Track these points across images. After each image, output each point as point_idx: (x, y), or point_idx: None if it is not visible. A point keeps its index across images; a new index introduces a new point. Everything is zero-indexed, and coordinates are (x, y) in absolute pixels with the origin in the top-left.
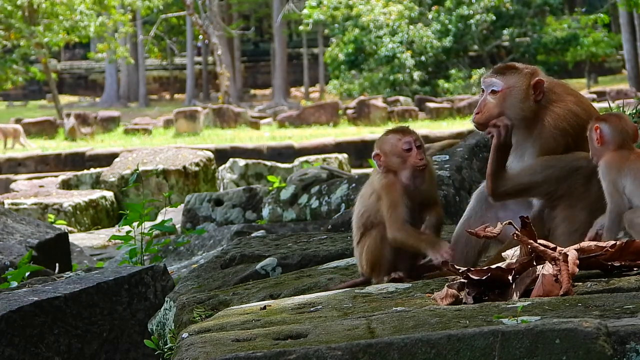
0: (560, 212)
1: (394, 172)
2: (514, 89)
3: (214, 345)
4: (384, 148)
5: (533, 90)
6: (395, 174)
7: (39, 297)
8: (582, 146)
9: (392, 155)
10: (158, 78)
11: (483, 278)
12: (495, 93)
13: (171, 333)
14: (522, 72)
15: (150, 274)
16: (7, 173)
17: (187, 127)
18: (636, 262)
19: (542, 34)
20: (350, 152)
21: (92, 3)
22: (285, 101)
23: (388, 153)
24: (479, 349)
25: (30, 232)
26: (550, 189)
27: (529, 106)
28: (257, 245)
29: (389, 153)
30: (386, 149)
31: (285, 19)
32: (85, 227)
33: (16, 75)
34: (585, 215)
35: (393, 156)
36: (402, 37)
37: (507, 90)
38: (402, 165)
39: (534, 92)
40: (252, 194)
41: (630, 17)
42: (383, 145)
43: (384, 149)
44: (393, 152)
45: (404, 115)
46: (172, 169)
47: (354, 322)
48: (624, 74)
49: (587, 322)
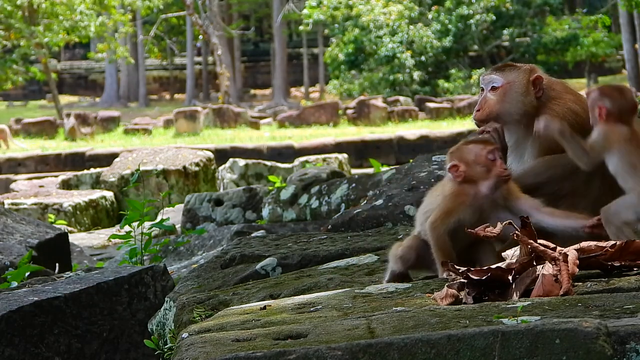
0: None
1: (472, 183)
2: (514, 84)
3: (214, 345)
4: (467, 158)
5: (533, 86)
6: (472, 185)
7: (39, 297)
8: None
9: (476, 165)
10: (158, 78)
11: (483, 278)
12: (495, 89)
13: (171, 333)
14: (520, 68)
15: (150, 274)
16: (7, 173)
17: (187, 127)
18: (636, 262)
19: (542, 34)
20: (350, 152)
21: (92, 3)
22: (285, 101)
23: (471, 163)
24: (479, 349)
25: (30, 232)
26: (554, 189)
27: (530, 101)
28: (257, 245)
29: (472, 163)
30: (469, 159)
31: (285, 19)
32: (85, 227)
33: (16, 75)
34: (588, 214)
35: (477, 166)
36: (402, 37)
37: (507, 86)
38: (485, 175)
39: (534, 88)
40: (252, 194)
41: (630, 17)
42: (465, 155)
43: (466, 159)
44: (477, 162)
45: (404, 115)
46: (172, 169)
47: (354, 322)
48: (624, 74)
49: (587, 322)
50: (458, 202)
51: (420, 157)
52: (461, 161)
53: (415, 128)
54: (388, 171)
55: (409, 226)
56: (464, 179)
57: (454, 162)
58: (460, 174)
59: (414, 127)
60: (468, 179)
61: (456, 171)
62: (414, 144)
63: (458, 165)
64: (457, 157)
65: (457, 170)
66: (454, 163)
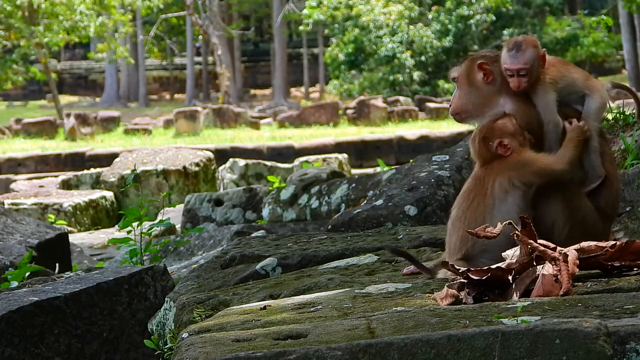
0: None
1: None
2: (462, 77)
3: (214, 345)
4: (508, 131)
5: (481, 75)
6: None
7: (39, 297)
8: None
9: (517, 135)
10: (158, 78)
11: (483, 278)
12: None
13: (171, 333)
14: (467, 59)
15: (150, 274)
16: (7, 173)
17: (187, 127)
18: (636, 262)
19: (542, 34)
20: (350, 152)
21: (92, 3)
22: (285, 101)
23: (514, 134)
24: (479, 349)
25: (30, 232)
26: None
27: (486, 91)
28: (257, 245)
29: (514, 134)
30: (510, 131)
31: (285, 19)
32: (85, 227)
33: (16, 75)
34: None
35: (518, 135)
36: (402, 37)
37: (460, 79)
38: (524, 142)
39: (484, 77)
40: (252, 194)
41: (630, 17)
42: (506, 130)
43: (508, 133)
44: (516, 132)
45: (404, 115)
46: (172, 169)
47: (354, 322)
48: (624, 74)
49: (587, 322)
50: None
51: (420, 157)
52: (503, 136)
53: (415, 128)
54: (388, 171)
55: (408, 226)
56: (511, 152)
57: (498, 140)
58: (508, 148)
59: (414, 127)
60: (514, 150)
61: (504, 147)
62: (414, 144)
63: (502, 141)
64: (499, 135)
65: (505, 146)
66: (499, 140)
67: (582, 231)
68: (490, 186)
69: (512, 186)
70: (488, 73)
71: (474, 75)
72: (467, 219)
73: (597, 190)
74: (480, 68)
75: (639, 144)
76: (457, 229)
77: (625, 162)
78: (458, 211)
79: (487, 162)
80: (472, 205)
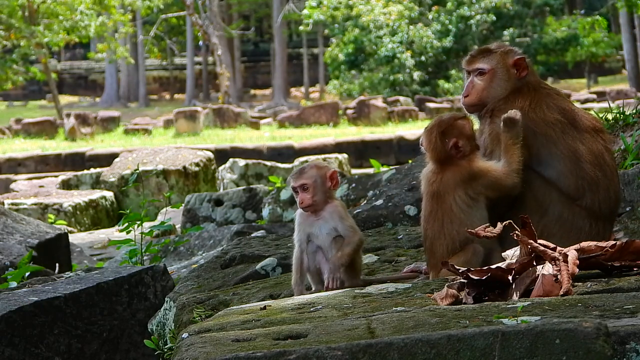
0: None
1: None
2: (498, 69)
3: (214, 345)
4: (466, 133)
5: (515, 69)
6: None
7: (38, 297)
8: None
9: (472, 139)
10: (158, 78)
11: (483, 278)
12: (482, 74)
13: (171, 333)
14: (498, 52)
15: (150, 274)
16: (7, 173)
17: (187, 127)
18: (636, 262)
19: (542, 35)
20: (350, 152)
21: (92, 3)
22: (285, 101)
23: (470, 137)
24: (479, 349)
25: (30, 232)
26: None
27: (513, 84)
28: (257, 245)
29: (470, 137)
30: (468, 133)
31: (285, 19)
32: (85, 227)
33: (16, 75)
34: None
35: (472, 140)
36: (402, 37)
37: (492, 72)
38: (476, 148)
39: (517, 71)
40: (252, 194)
41: (631, 17)
42: (464, 131)
43: (465, 134)
44: (472, 136)
45: (404, 115)
46: (172, 169)
47: (354, 322)
48: (624, 74)
49: (587, 322)
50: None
51: (420, 157)
52: (460, 137)
53: (415, 128)
54: (388, 171)
55: (408, 226)
56: (462, 156)
57: (455, 140)
58: (461, 150)
59: (414, 127)
60: (465, 154)
61: (457, 149)
62: (414, 144)
63: (458, 142)
64: (456, 134)
65: (459, 148)
66: (455, 140)
67: (560, 228)
68: (453, 202)
69: (471, 199)
70: (523, 68)
71: (507, 69)
72: (446, 237)
73: (587, 189)
74: (515, 63)
75: (639, 144)
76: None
77: (625, 162)
78: (432, 232)
79: (439, 158)
80: (445, 223)
